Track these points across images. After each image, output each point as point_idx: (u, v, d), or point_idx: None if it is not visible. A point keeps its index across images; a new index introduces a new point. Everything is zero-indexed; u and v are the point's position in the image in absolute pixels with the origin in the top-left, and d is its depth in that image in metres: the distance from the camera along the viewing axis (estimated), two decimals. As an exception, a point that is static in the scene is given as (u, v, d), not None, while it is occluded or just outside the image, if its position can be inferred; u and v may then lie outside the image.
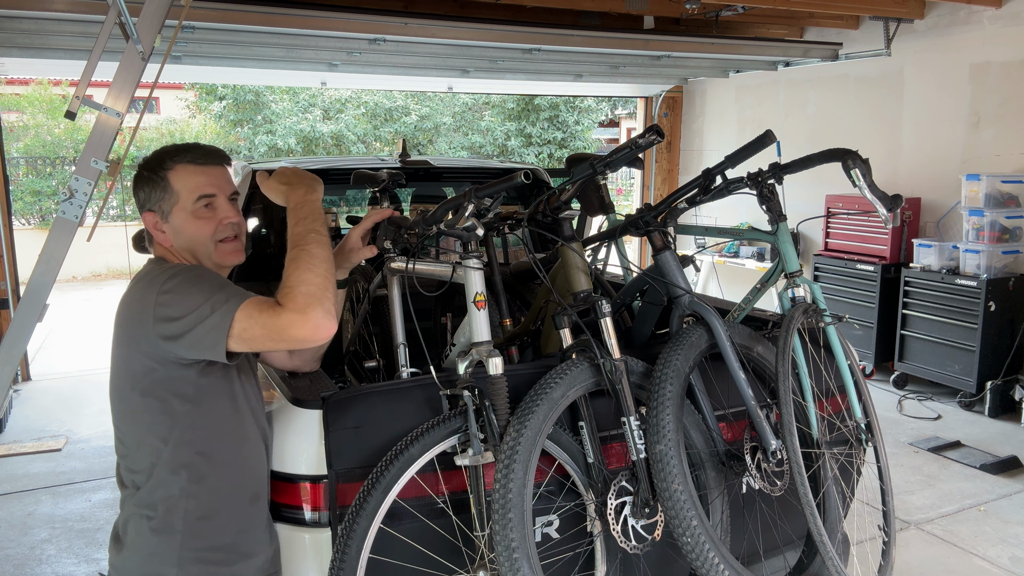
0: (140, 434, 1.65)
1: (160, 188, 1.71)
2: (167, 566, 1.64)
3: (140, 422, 1.65)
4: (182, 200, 1.71)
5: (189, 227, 1.73)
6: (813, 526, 1.97)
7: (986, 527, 3.74)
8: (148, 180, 1.72)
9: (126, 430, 1.68)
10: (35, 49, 4.60)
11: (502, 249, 3.54)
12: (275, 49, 4.91)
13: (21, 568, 3.45)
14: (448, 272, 2.16)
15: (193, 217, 1.72)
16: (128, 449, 1.68)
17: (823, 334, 2.30)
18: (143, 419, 1.64)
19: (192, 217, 1.72)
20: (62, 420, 5.42)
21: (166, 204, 1.72)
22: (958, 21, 5.68)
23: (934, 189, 5.93)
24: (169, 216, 1.72)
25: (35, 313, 2.73)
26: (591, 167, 2.01)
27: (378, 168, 3.28)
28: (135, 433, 1.66)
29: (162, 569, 1.64)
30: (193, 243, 1.74)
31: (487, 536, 1.78)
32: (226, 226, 1.76)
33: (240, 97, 14.63)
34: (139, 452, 1.65)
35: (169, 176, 1.71)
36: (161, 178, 1.71)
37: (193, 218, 1.72)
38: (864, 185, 2.12)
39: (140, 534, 1.65)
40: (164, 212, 1.72)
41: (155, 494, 1.64)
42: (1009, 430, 5.02)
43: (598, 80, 6.86)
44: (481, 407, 1.80)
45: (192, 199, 1.72)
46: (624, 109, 18.66)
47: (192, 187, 1.72)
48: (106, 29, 2.56)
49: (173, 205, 1.72)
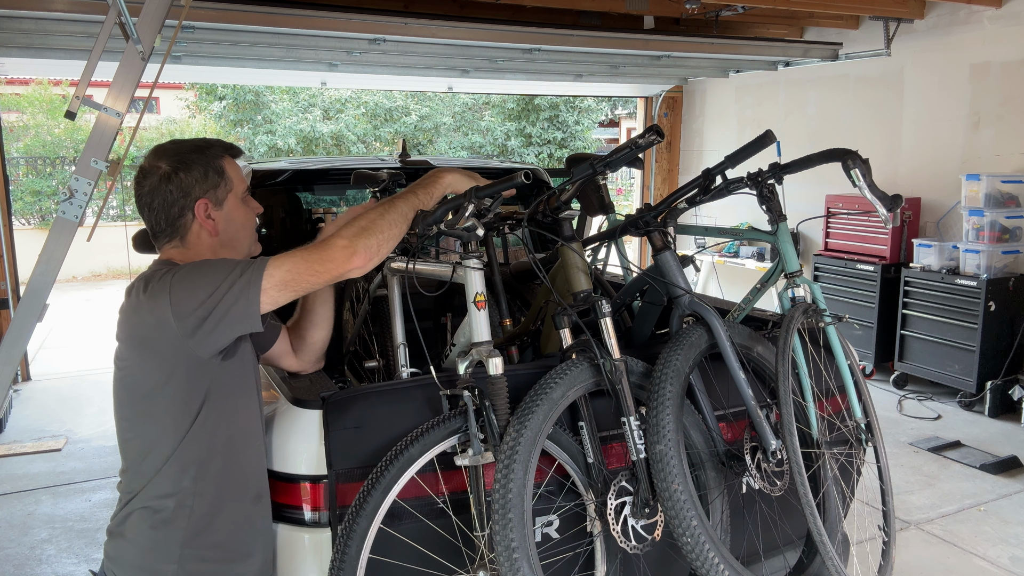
0: (154, 435, 1.64)
1: (217, 172, 1.71)
2: (167, 562, 1.63)
3: (156, 424, 1.63)
4: (236, 187, 1.74)
5: (240, 214, 1.76)
6: (813, 526, 1.97)
7: (986, 527, 3.74)
8: (201, 165, 1.69)
9: (138, 433, 1.66)
10: (35, 49, 4.59)
11: (502, 249, 3.54)
12: (275, 49, 4.91)
13: (21, 568, 3.45)
14: (448, 272, 2.17)
15: (244, 204, 1.77)
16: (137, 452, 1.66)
17: (823, 334, 2.30)
18: (160, 421, 1.62)
19: (243, 204, 1.77)
20: (62, 420, 5.42)
21: (221, 190, 1.72)
22: (958, 21, 5.68)
23: (934, 189, 5.93)
24: (223, 203, 1.72)
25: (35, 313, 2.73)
26: (591, 167, 2.01)
27: (378, 168, 3.28)
28: (148, 438, 1.64)
29: (161, 564, 1.63)
30: (241, 231, 1.77)
31: (487, 536, 1.78)
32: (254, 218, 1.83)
33: (240, 97, 14.62)
34: (149, 454, 1.64)
35: (224, 163, 1.72)
36: (218, 164, 1.71)
37: (244, 206, 1.77)
38: (864, 185, 2.12)
39: (142, 528, 1.65)
40: (219, 199, 1.71)
41: (162, 489, 1.63)
42: (1009, 430, 5.02)
43: (598, 80, 6.86)
44: (481, 407, 1.80)
45: (243, 188, 1.77)
46: (624, 109, 18.66)
47: (240, 177, 1.76)
48: (106, 29, 2.57)
49: (228, 192, 1.73)
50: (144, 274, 1.66)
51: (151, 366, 1.60)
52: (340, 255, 1.58)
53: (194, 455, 1.64)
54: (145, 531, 1.65)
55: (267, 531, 1.81)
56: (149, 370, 1.61)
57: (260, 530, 1.77)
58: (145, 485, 1.64)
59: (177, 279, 1.56)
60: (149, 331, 1.58)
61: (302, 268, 1.57)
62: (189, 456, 1.63)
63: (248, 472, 1.74)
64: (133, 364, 1.63)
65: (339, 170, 3.86)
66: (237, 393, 1.70)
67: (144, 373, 1.61)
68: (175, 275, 1.57)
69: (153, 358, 1.59)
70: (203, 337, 1.55)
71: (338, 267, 1.59)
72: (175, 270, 1.59)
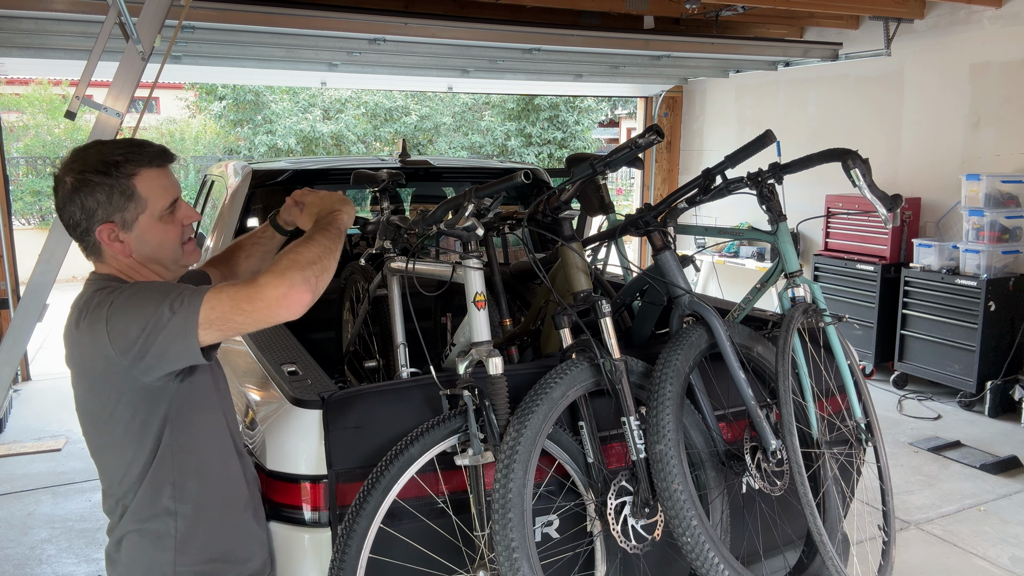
0: (121, 460, 1.60)
1: (124, 195, 1.54)
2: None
3: (121, 450, 1.59)
4: (151, 207, 1.57)
5: (156, 234, 1.59)
6: (813, 526, 1.97)
7: (986, 527, 3.74)
8: (105, 187, 1.52)
9: (107, 459, 1.63)
10: (35, 49, 4.60)
11: (502, 249, 3.54)
12: (275, 49, 4.91)
13: (21, 568, 3.45)
14: (448, 272, 2.17)
15: (161, 223, 1.59)
16: (112, 476, 1.63)
17: (823, 334, 2.30)
18: (124, 447, 1.58)
19: (159, 223, 1.59)
20: (62, 420, 5.42)
21: (130, 212, 1.55)
22: (958, 21, 5.68)
23: (934, 189, 5.93)
24: (133, 225, 1.57)
25: (35, 313, 2.74)
26: (591, 167, 2.01)
27: (378, 168, 3.28)
28: (117, 462, 1.61)
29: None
30: (159, 250, 1.61)
31: (487, 536, 1.78)
32: (188, 227, 1.66)
33: (240, 97, 14.63)
34: (123, 477, 1.61)
35: (135, 183, 1.54)
36: (125, 185, 1.53)
37: (161, 224, 1.59)
38: (864, 185, 2.12)
39: (134, 552, 1.63)
40: (127, 221, 1.56)
41: (143, 512, 1.61)
42: (1009, 430, 5.02)
43: (598, 80, 6.86)
44: (481, 407, 1.80)
45: (162, 206, 1.58)
46: (624, 109, 18.66)
47: (161, 193, 1.58)
48: (106, 29, 2.57)
49: (140, 213, 1.56)
50: (80, 299, 1.56)
51: (103, 395, 1.54)
52: (272, 293, 1.41)
53: (166, 476, 1.60)
54: (138, 555, 1.63)
55: (262, 534, 1.80)
56: (102, 399, 1.55)
57: (255, 535, 1.76)
58: (127, 508, 1.62)
59: (112, 311, 1.47)
60: (94, 362, 1.51)
61: (227, 307, 1.43)
62: (161, 477, 1.59)
63: (230, 483, 1.71)
64: (85, 393, 1.58)
65: (339, 170, 3.86)
66: (198, 411, 1.64)
67: (99, 402, 1.56)
68: (111, 306, 1.47)
69: (103, 387, 1.54)
70: (146, 369, 1.48)
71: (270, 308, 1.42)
72: (110, 300, 1.49)
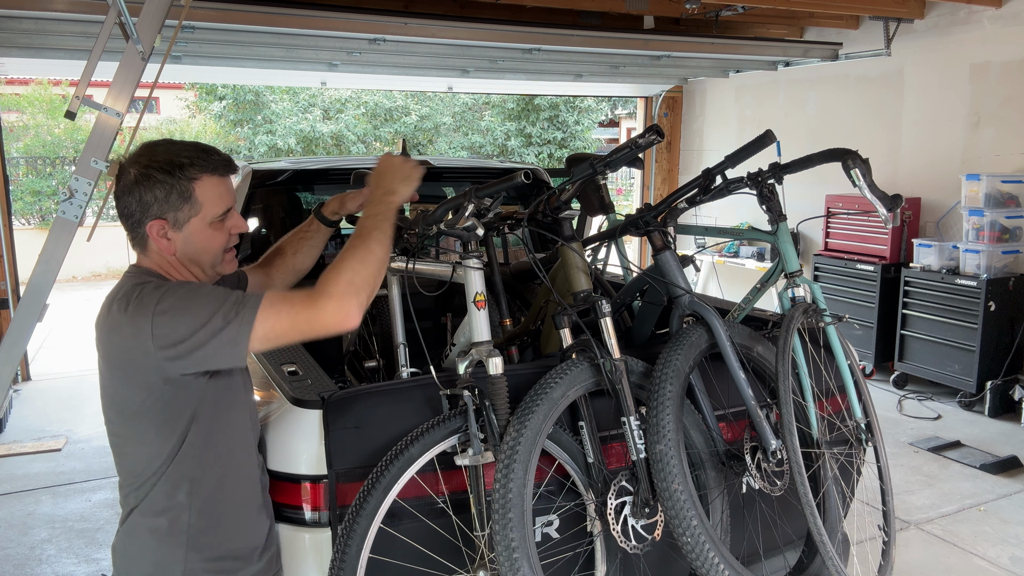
0: (144, 453, 1.61)
1: (182, 196, 1.59)
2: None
3: (145, 443, 1.60)
4: (204, 212, 1.62)
5: (203, 238, 1.64)
6: (813, 526, 1.97)
7: (986, 527, 3.74)
8: (166, 185, 1.58)
9: (129, 451, 1.63)
10: (35, 49, 4.60)
11: (502, 249, 3.54)
12: (275, 49, 4.91)
13: (21, 568, 3.45)
14: (448, 272, 2.17)
15: (210, 228, 1.64)
16: (131, 468, 1.64)
17: (823, 334, 2.30)
18: (149, 440, 1.60)
19: (209, 228, 1.64)
20: (62, 420, 5.42)
21: (184, 213, 1.60)
22: (958, 21, 5.68)
23: (934, 189, 5.93)
24: (184, 225, 1.62)
25: (35, 313, 2.73)
26: (591, 167, 2.01)
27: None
28: (139, 454, 1.62)
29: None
30: (202, 253, 1.66)
31: (487, 536, 1.78)
32: (234, 236, 1.71)
33: (240, 97, 14.63)
34: (143, 469, 1.62)
35: (195, 186, 1.60)
36: (185, 187, 1.59)
37: (211, 229, 1.64)
38: (864, 185, 2.12)
39: (144, 545, 1.64)
40: (179, 221, 1.61)
41: (158, 504, 1.62)
42: (1009, 430, 5.02)
43: (598, 80, 6.86)
44: (481, 407, 1.80)
45: (216, 213, 1.64)
46: (624, 109, 18.66)
47: (216, 200, 1.63)
48: (106, 29, 2.57)
49: (193, 216, 1.61)
50: (121, 289, 1.58)
51: (134, 387, 1.56)
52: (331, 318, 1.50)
53: (186, 472, 1.61)
54: (147, 548, 1.63)
55: (272, 533, 1.80)
56: (133, 391, 1.56)
57: (264, 535, 1.76)
58: (142, 500, 1.63)
59: (161, 309, 1.49)
60: (130, 354, 1.53)
61: (286, 326, 1.50)
62: (181, 473, 1.61)
63: (246, 482, 1.72)
64: (116, 384, 1.59)
65: (339, 170, 3.86)
66: (226, 410, 1.66)
67: (128, 394, 1.57)
68: (159, 302, 1.50)
69: (135, 380, 1.55)
70: (184, 366, 1.51)
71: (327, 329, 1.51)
72: (157, 295, 1.51)
